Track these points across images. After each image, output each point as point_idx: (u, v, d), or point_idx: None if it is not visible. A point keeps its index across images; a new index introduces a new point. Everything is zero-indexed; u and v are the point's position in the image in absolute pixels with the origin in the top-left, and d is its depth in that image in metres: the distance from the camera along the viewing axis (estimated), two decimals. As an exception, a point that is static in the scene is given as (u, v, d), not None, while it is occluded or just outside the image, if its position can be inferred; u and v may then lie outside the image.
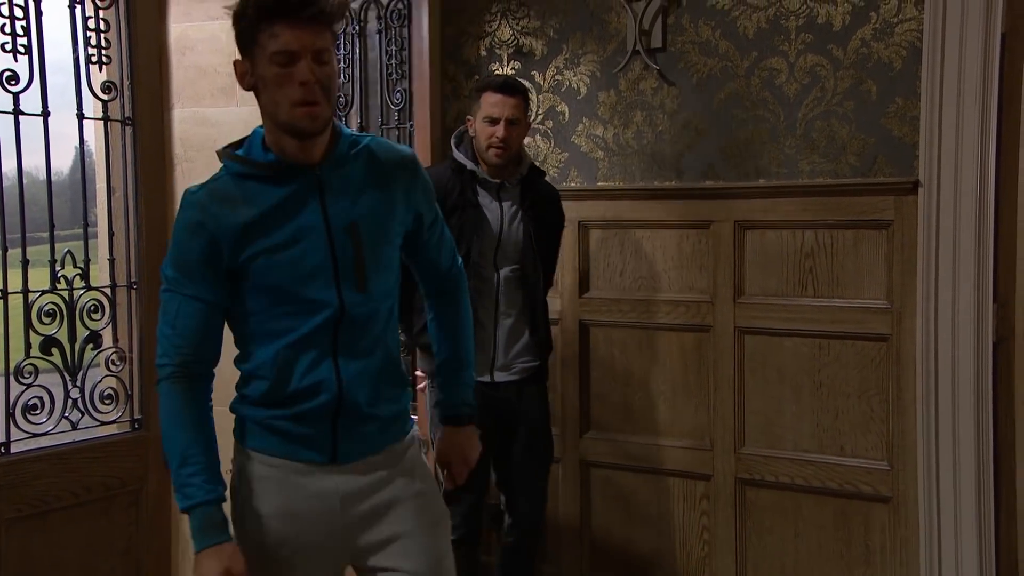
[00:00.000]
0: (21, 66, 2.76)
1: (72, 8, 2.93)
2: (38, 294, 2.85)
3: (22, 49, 2.75)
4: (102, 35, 3.01)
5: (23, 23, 2.75)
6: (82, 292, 2.97)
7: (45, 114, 2.80)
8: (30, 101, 2.78)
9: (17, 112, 2.74)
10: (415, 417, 2.74)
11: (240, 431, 1.94)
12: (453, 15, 3.52)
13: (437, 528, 1.92)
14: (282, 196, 1.76)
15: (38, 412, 2.84)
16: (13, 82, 2.74)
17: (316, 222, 1.77)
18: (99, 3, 3.00)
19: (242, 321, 1.83)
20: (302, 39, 1.68)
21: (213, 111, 3.30)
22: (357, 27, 3.57)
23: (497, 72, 3.41)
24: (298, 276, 1.76)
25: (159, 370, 1.80)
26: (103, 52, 3.02)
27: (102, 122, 3.07)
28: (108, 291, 3.07)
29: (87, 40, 2.98)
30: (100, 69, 3.04)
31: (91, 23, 2.98)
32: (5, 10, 2.72)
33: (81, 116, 2.97)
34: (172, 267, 1.77)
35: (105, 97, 3.05)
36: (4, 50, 2.73)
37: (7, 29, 2.73)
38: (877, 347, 2.91)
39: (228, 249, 1.74)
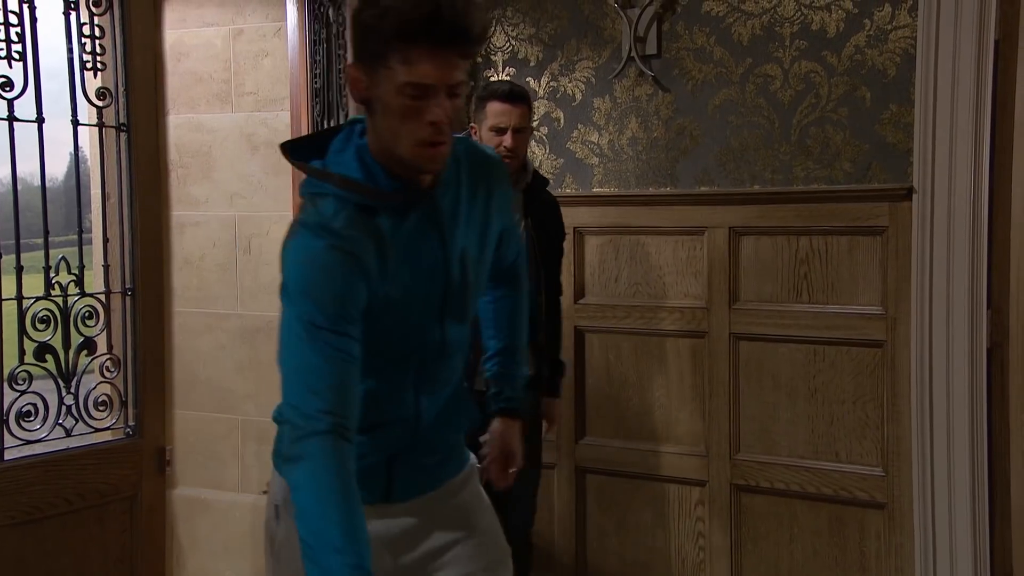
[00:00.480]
0: (16, 72, 2.76)
1: (67, 14, 2.93)
2: (32, 300, 2.84)
3: (16, 55, 2.75)
4: (97, 41, 3.01)
5: (17, 29, 2.75)
6: (76, 298, 2.96)
7: (40, 120, 2.80)
8: (25, 107, 2.78)
9: (11, 118, 2.74)
10: None
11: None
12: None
13: (499, 569, 1.74)
14: (407, 229, 1.54)
15: (32, 419, 2.83)
16: (7, 88, 2.74)
17: (437, 257, 1.58)
18: (94, 9, 3.00)
19: None
20: (441, 73, 1.45)
21: (208, 117, 3.30)
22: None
23: (493, 79, 3.41)
24: (410, 314, 1.57)
25: (307, 424, 1.42)
26: (98, 58, 3.02)
27: (97, 128, 3.07)
28: (103, 297, 3.07)
29: (82, 46, 2.98)
30: (95, 75, 3.04)
31: (86, 29, 2.98)
32: (0, 16, 2.72)
33: (76, 122, 2.97)
34: (312, 304, 1.44)
35: (100, 103, 3.05)
36: (-1, 56, 2.73)
37: (1, 35, 2.73)
38: (872, 353, 2.91)
39: (369, 289, 1.50)
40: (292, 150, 1.60)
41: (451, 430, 1.72)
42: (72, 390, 2.95)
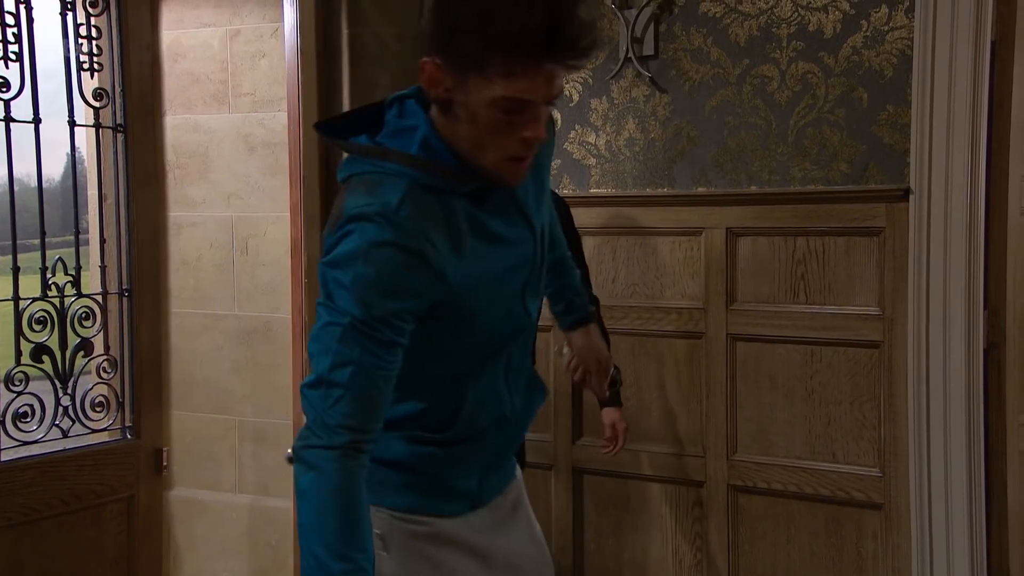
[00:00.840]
0: (12, 73, 2.75)
1: (63, 15, 2.93)
2: (29, 301, 2.84)
3: (13, 56, 2.75)
4: (94, 42, 3.01)
5: (14, 30, 2.74)
6: (73, 299, 2.96)
7: (36, 121, 2.80)
8: (21, 108, 2.78)
9: (8, 119, 2.73)
10: None
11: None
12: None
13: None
14: (488, 212, 1.41)
15: (28, 420, 2.83)
16: (4, 89, 2.73)
17: (525, 238, 1.47)
18: (91, 10, 2.99)
19: (410, 362, 1.41)
20: (542, 88, 1.30)
21: (205, 118, 3.30)
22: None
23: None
24: (498, 301, 1.45)
25: (324, 434, 1.32)
26: (95, 59, 3.01)
27: (94, 129, 3.07)
28: (99, 298, 3.07)
29: (78, 47, 2.97)
30: (92, 76, 3.04)
31: (83, 30, 2.98)
32: (-4, 17, 2.72)
33: (72, 123, 2.97)
34: (362, 306, 1.30)
35: (96, 104, 3.04)
36: (-5, 57, 2.73)
37: (-2, 36, 2.73)
38: (869, 354, 2.92)
39: (445, 284, 1.36)
40: (325, 130, 1.46)
41: (532, 418, 1.63)
42: (69, 391, 2.95)
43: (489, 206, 1.41)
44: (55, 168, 3.07)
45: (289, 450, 2.74)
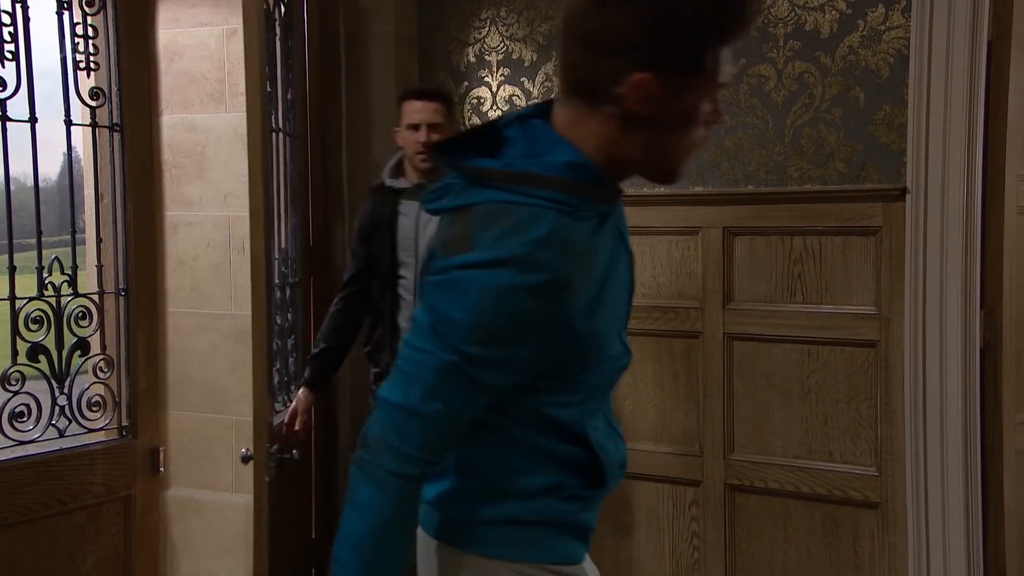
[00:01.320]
0: (8, 72, 2.74)
1: (60, 14, 2.92)
2: (25, 301, 2.83)
3: (9, 55, 2.74)
4: (90, 41, 3.00)
5: (10, 29, 2.74)
6: (69, 299, 2.95)
7: (32, 120, 2.79)
8: (17, 107, 2.76)
9: (4, 118, 2.72)
10: None
11: (509, 540, 1.40)
12: (443, 22, 3.52)
13: None
14: (604, 240, 1.32)
15: (25, 419, 2.82)
16: (0, 88, 2.72)
17: (628, 267, 1.43)
18: (87, 9, 2.98)
19: (553, 408, 1.35)
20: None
21: (202, 117, 3.29)
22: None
23: (487, 79, 3.41)
24: (611, 336, 1.36)
25: (397, 460, 1.26)
26: (91, 58, 3.00)
27: (90, 128, 3.06)
28: (96, 298, 3.06)
29: (75, 46, 2.96)
30: (88, 75, 3.03)
31: (79, 29, 2.97)
32: (-8, 16, 2.71)
33: (69, 122, 2.96)
34: (477, 346, 1.22)
35: (93, 103, 3.04)
36: (-9, 56, 2.72)
37: (-6, 35, 2.72)
38: (865, 353, 2.92)
39: (577, 322, 1.25)
40: (442, 152, 1.35)
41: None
42: (65, 391, 2.94)
43: (605, 234, 1.32)
44: (51, 167, 3.08)
45: (244, 449, 2.74)
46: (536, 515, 1.39)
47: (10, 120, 2.73)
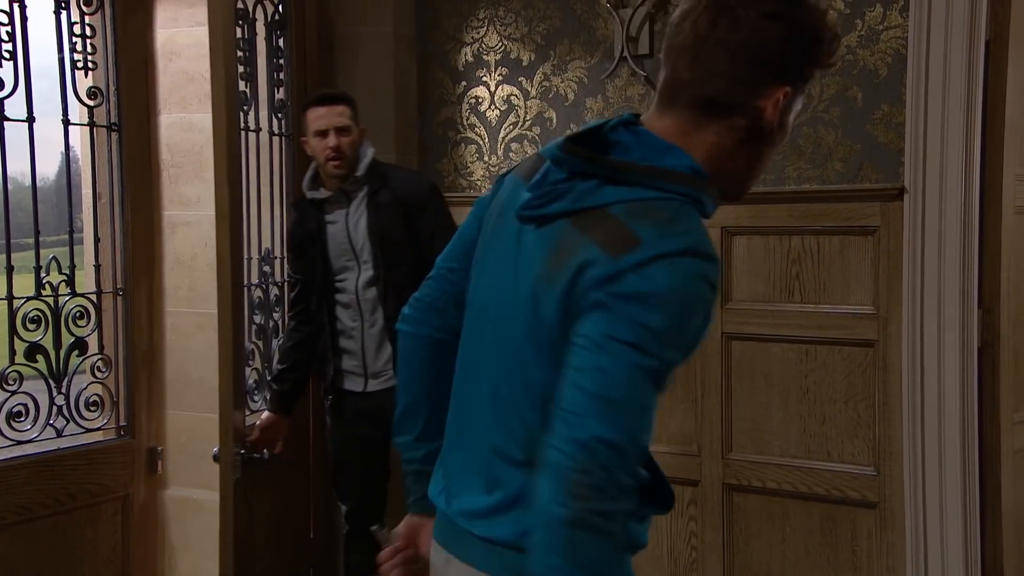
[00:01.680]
0: (6, 71, 2.74)
1: (57, 13, 2.92)
2: (23, 300, 2.83)
3: (7, 54, 2.74)
4: (88, 40, 3.00)
5: (8, 28, 2.73)
6: (67, 298, 2.95)
7: (30, 120, 2.79)
8: (15, 106, 2.76)
9: (2, 118, 2.72)
10: None
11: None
12: (441, 21, 3.52)
13: None
14: None
15: (23, 419, 2.82)
16: (-2, 88, 2.73)
17: None
18: (85, 8, 2.98)
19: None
20: None
21: (199, 117, 3.29)
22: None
23: (485, 79, 3.41)
24: None
25: (625, 498, 1.18)
26: (89, 57, 3.00)
27: (88, 128, 3.06)
28: (94, 297, 3.06)
29: (72, 45, 2.96)
30: (86, 75, 3.03)
31: (77, 28, 2.97)
32: (-10, 15, 2.71)
33: (67, 122, 2.96)
34: (675, 342, 1.20)
35: (91, 103, 3.04)
36: (-11, 55, 2.72)
37: (-8, 34, 2.72)
38: (863, 352, 2.92)
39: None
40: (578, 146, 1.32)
41: None
42: (63, 390, 2.94)
43: None
44: (49, 167, 3.07)
45: (215, 449, 2.76)
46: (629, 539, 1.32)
47: (8, 120, 2.73)
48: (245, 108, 3.23)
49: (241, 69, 3.19)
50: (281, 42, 3.41)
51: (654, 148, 1.29)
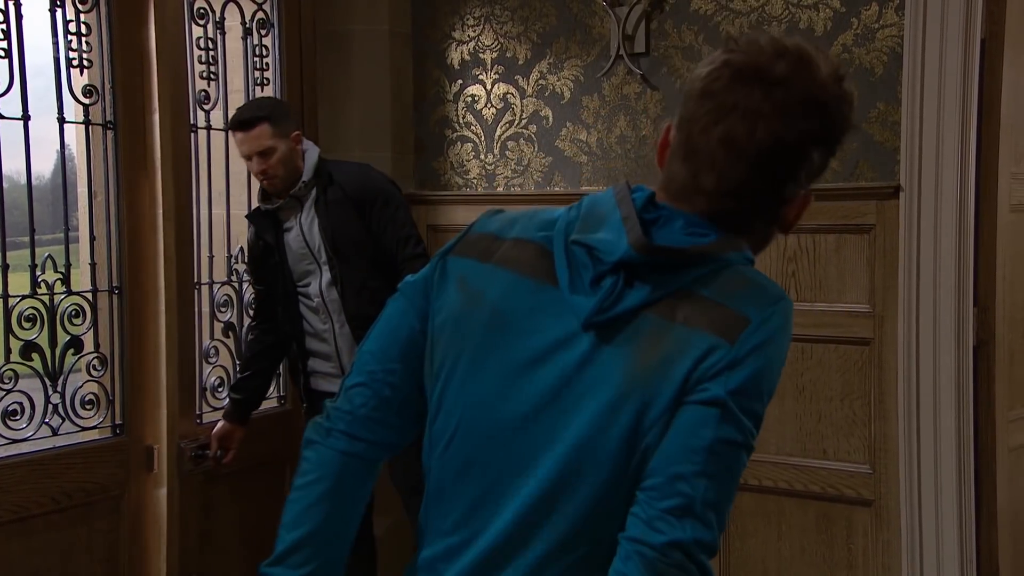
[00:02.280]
0: (1, 69, 2.74)
1: (53, 11, 2.91)
2: (18, 299, 2.82)
3: (2, 52, 2.73)
4: (83, 38, 2.99)
5: (3, 26, 2.73)
6: (63, 297, 2.94)
7: (25, 118, 2.78)
8: (10, 105, 2.76)
9: (-3, 116, 2.72)
10: None
11: None
12: (437, 19, 3.52)
13: None
14: None
15: (18, 418, 2.81)
16: (-7, 86, 2.72)
17: None
18: (80, 6, 2.98)
19: None
20: None
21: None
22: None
23: (482, 77, 3.41)
24: None
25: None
26: (84, 55, 2.99)
27: (83, 126, 3.05)
28: (89, 296, 3.05)
29: (68, 43, 2.95)
30: (81, 73, 3.01)
31: (72, 26, 2.96)
32: (-15, 13, 2.70)
33: (62, 120, 2.95)
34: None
35: (86, 101, 3.03)
36: (-16, 53, 2.71)
37: (-13, 32, 2.71)
38: (859, 351, 2.92)
39: None
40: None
41: None
42: (59, 389, 2.93)
43: None
44: (45, 165, 3.06)
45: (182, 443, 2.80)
46: None
47: (3, 118, 2.73)
48: (206, 107, 3.23)
49: (202, 68, 3.20)
50: (266, 41, 3.40)
51: (690, 220, 1.21)
